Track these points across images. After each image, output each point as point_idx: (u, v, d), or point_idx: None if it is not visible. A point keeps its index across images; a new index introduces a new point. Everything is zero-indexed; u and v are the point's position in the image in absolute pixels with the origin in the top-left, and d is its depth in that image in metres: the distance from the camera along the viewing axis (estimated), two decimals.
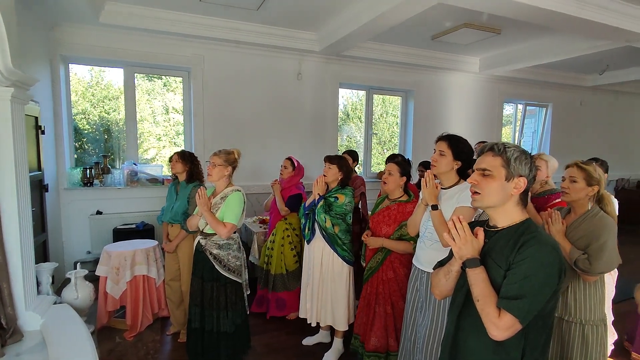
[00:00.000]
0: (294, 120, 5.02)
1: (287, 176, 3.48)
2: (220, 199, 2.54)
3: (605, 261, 1.75)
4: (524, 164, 1.26)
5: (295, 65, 4.90)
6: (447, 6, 3.26)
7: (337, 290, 2.68)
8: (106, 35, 4.01)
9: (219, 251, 2.52)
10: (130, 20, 3.81)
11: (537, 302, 1.13)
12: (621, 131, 8.06)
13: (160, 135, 5.14)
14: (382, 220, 2.48)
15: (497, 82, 6.37)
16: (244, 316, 2.66)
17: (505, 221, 1.28)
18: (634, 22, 3.68)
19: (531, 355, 1.20)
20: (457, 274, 1.33)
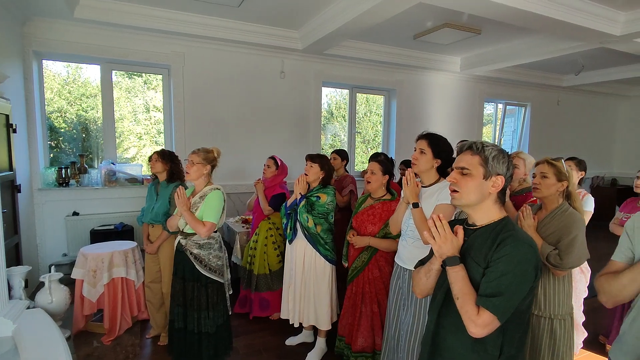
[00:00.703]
0: (277, 119, 4.99)
1: (271, 175, 3.45)
2: (200, 198, 2.51)
3: (575, 256, 1.80)
4: (502, 162, 1.28)
5: (278, 63, 4.87)
6: (428, 6, 3.29)
7: (320, 290, 2.67)
8: (81, 30, 3.89)
9: (199, 251, 2.49)
10: (106, 16, 3.71)
11: (514, 299, 1.15)
12: (596, 130, 8.31)
13: (141, 134, 5.03)
14: (367, 219, 2.49)
15: (478, 82, 6.48)
16: (226, 317, 2.64)
17: (484, 219, 1.29)
18: (608, 23, 3.79)
19: (508, 351, 1.22)
20: (438, 273, 1.34)
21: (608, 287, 1.24)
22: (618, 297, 1.23)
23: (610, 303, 1.26)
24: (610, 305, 1.28)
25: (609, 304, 1.27)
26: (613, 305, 1.27)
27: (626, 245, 1.29)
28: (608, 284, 1.24)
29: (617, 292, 1.22)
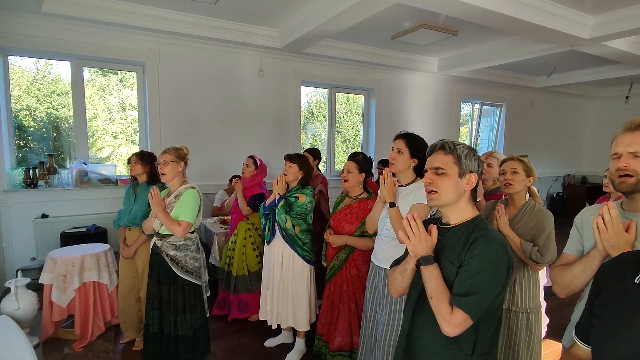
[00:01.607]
0: (256, 118, 4.94)
1: (250, 175, 3.41)
2: (175, 198, 2.46)
3: (552, 250, 1.88)
4: (473, 160, 1.30)
5: (256, 62, 4.82)
6: (406, 7, 3.32)
7: (298, 291, 2.66)
8: (50, 25, 3.74)
9: (175, 252, 2.44)
10: (76, 10, 3.57)
11: (487, 297, 1.16)
12: (567, 130, 8.60)
13: (116, 133, 4.88)
14: (344, 218, 2.49)
15: (455, 83, 6.60)
16: (204, 319, 2.60)
17: (458, 218, 1.31)
18: (577, 27, 3.92)
19: (481, 348, 1.23)
20: (413, 272, 1.35)
21: (561, 278, 1.29)
22: (570, 287, 1.28)
23: (563, 293, 1.31)
24: (564, 296, 1.33)
25: (562, 294, 1.32)
26: (566, 295, 1.32)
27: (576, 239, 1.35)
28: (561, 275, 1.30)
29: (568, 283, 1.27)
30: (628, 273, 0.81)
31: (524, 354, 1.91)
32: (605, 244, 1.13)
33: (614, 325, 0.79)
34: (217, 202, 4.40)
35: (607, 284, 0.86)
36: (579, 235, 1.35)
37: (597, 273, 0.91)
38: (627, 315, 0.77)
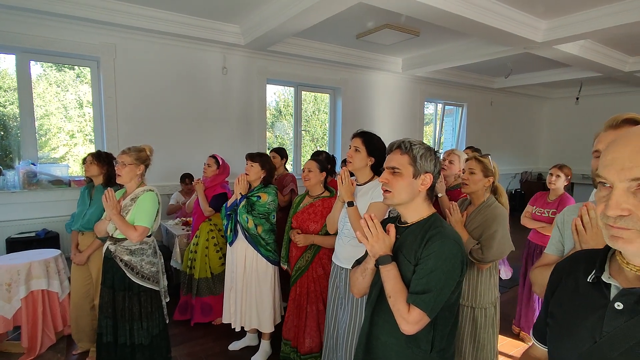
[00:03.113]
0: (220, 116, 4.82)
1: (211, 175, 3.32)
2: (131, 201, 2.34)
3: (496, 249, 1.88)
4: (429, 160, 1.31)
5: (219, 58, 4.70)
6: (369, 6, 3.34)
7: (262, 292, 2.61)
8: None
9: (130, 257, 2.33)
10: (22, 1, 3.33)
11: (443, 294, 1.18)
12: (524, 129, 9.02)
13: (73, 132, 4.61)
14: (308, 217, 2.48)
15: (419, 83, 6.74)
16: (162, 326, 2.50)
17: (414, 217, 1.32)
18: (530, 31, 4.10)
19: (439, 345, 1.25)
20: (373, 272, 1.35)
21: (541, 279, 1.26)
22: None
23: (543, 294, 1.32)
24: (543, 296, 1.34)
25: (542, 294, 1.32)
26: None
27: (557, 239, 1.34)
28: (541, 275, 1.27)
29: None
30: (580, 272, 0.81)
31: (468, 347, 1.95)
32: (583, 245, 1.13)
33: (567, 324, 0.79)
34: (173, 202, 4.27)
35: (561, 283, 0.86)
36: (560, 235, 1.33)
37: (552, 272, 0.91)
38: (580, 314, 0.77)
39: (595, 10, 3.76)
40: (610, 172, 0.64)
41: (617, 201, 0.63)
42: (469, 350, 1.99)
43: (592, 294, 0.76)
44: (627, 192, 0.63)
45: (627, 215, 0.63)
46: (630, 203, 0.62)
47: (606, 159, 0.66)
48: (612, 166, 0.64)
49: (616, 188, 0.64)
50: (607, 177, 0.65)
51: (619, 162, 0.63)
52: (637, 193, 0.62)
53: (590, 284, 0.77)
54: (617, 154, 0.64)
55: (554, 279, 0.90)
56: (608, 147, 0.68)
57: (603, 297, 0.73)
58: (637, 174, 0.61)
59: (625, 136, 0.66)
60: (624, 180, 0.63)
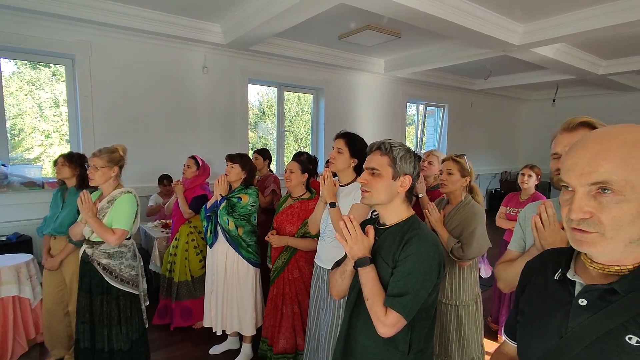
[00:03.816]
0: (201, 116, 4.74)
1: (191, 176, 3.26)
2: (108, 203, 2.28)
3: (475, 247, 1.93)
4: (409, 162, 1.31)
5: (200, 57, 4.63)
6: (350, 7, 3.35)
7: (244, 295, 2.58)
8: None
9: (109, 261, 2.26)
10: None
11: (420, 297, 1.18)
12: (504, 130, 9.21)
13: (49, 132, 4.46)
14: (286, 219, 2.47)
15: (401, 84, 6.80)
16: (142, 330, 2.44)
17: (393, 218, 1.32)
18: (508, 34, 4.18)
19: (417, 346, 1.25)
20: (352, 274, 1.34)
21: (504, 275, 1.31)
22: (513, 283, 1.30)
23: (507, 289, 1.34)
24: (507, 291, 1.37)
25: (506, 289, 1.35)
26: (509, 290, 1.35)
27: (519, 235, 1.38)
28: (505, 271, 1.31)
29: (511, 279, 1.29)
30: (549, 270, 0.83)
31: (454, 344, 1.99)
32: (542, 241, 1.16)
33: (536, 321, 0.81)
34: (151, 203, 4.18)
35: (531, 281, 0.88)
36: (522, 232, 1.37)
37: (523, 270, 0.93)
38: (547, 311, 0.78)
39: (570, 15, 3.87)
40: (571, 177, 0.67)
41: (579, 205, 0.65)
42: (455, 348, 2.02)
43: (558, 291, 0.78)
44: (587, 196, 0.65)
45: (589, 218, 0.65)
46: (591, 206, 0.65)
47: (567, 164, 0.69)
48: (573, 171, 0.67)
49: (577, 192, 0.66)
50: (569, 182, 0.67)
51: (579, 167, 0.66)
52: (597, 196, 0.64)
53: (557, 281, 0.79)
54: (577, 159, 0.67)
55: (524, 277, 0.92)
56: (568, 151, 0.70)
57: (568, 294, 0.75)
58: (596, 178, 0.63)
59: (583, 141, 0.68)
60: (584, 185, 0.65)
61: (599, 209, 0.64)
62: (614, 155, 0.63)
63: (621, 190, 0.62)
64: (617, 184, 0.62)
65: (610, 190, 0.63)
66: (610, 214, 0.63)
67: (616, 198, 0.63)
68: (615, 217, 0.63)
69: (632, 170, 0.62)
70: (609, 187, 0.63)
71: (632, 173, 0.62)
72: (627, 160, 0.62)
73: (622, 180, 0.62)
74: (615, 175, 0.62)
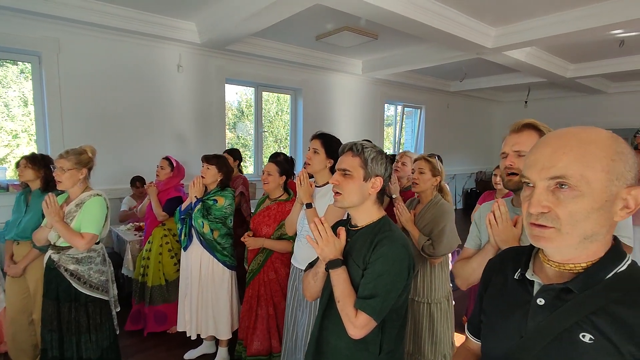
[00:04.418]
0: (176, 116, 4.64)
1: (165, 177, 3.18)
2: (76, 206, 2.19)
3: (446, 243, 1.98)
4: (380, 164, 1.31)
5: (174, 56, 4.53)
6: (327, 8, 3.35)
7: (219, 298, 2.54)
8: None
9: (77, 266, 2.18)
10: None
11: (390, 298, 1.18)
12: (479, 131, 9.43)
13: (16, 132, 4.26)
14: (262, 220, 2.46)
15: (379, 85, 6.86)
16: (113, 337, 2.36)
17: (365, 220, 1.32)
18: (482, 37, 4.28)
19: (388, 347, 1.26)
20: (324, 275, 1.34)
21: (461, 272, 1.35)
22: (470, 280, 1.34)
23: (464, 285, 1.38)
24: (464, 288, 1.40)
25: (463, 286, 1.38)
26: (467, 287, 1.38)
27: (475, 233, 1.42)
28: (462, 268, 1.35)
29: (468, 276, 1.32)
30: (509, 268, 0.84)
31: (427, 341, 2.02)
32: (496, 238, 1.20)
33: (497, 320, 0.82)
34: (125, 207, 4.06)
35: (492, 281, 0.89)
36: (477, 230, 1.41)
37: (485, 269, 0.94)
38: (508, 310, 0.80)
39: (539, 19, 3.99)
40: (532, 172, 0.69)
41: (538, 199, 0.67)
42: (428, 345, 2.05)
43: (518, 290, 0.79)
44: (547, 191, 0.67)
45: (547, 213, 0.67)
46: (550, 200, 0.67)
47: (529, 160, 0.71)
48: (534, 167, 0.69)
49: (537, 187, 0.68)
50: (530, 177, 0.70)
51: (540, 163, 0.68)
52: (556, 192, 0.66)
53: (517, 281, 0.80)
54: (538, 155, 0.69)
55: (485, 276, 0.93)
56: (531, 149, 0.73)
57: (527, 294, 0.76)
58: (554, 173, 0.66)
59: (545, 139, 0.71)
60: (543, 179, 0.67)
61: (557, 203, 0.66)
62: (572, 151, 0.66)
63: (577, 186, 0.64)
64: (573, 178, 0.65)
65: (567, 186, 0.65)
66: (567, 208, 0.65)
67: (572, 193, 0.65)
68: (571, 212, 0.65)
69: (587, 167, 0.64)
70: (566, 182, 0.65)
71: (588, 169, 0.64)
72: (583, 157, 0.65)
73: (578, 175, 0.64)
74: (572, 170, 0.65)
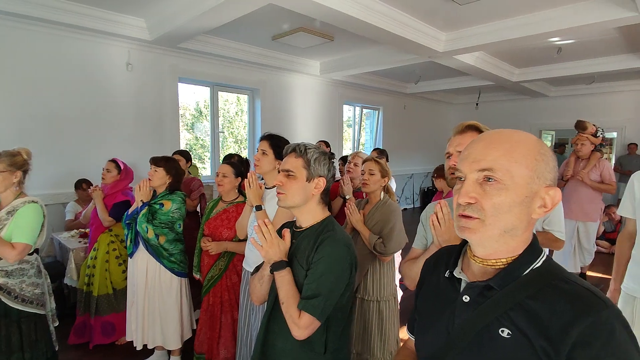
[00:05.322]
0: (125, 116, 4.43)
1: (111, 181, 3.02)
2: (7, 214, 2.02)
3: (395, 241, 2.05)
4: (323, 164, 1.33)
5: (123, 53, 4.32)
6: (283, 9, 3.33)
7: (167, 306, 2.44)
8: None
9: (6, 280, 2.01)
10: None
11: (332, 298, 1.19)
12: (434, 132, 9.77)
13: None
14: (222, 224, 2.39)
15: (337, 86, 6.92)
16: (51, 354, 2.20)
17: (309, 221, 1.33)
18: (433, 41, 4.44)
19: (333, 345, 1.27)
20: (270, 278, 1.33)
21: (409, 272, 1.37)
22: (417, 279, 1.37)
23: (412, 285, 1.40)
24: (413, 288, 1.42)
25: (411, 286, 1.41)
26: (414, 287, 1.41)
27: (421, 234, 1.45)
28: (409, 269, 1.38)
29: (415, 276, 1.32)
30: (441, 267, 0.87)
31: (376, 340, 2.07)
32: (439, 239, 1.23)
33: (428, 318, 0.85)
34: (70, 215, 3.82)
35: (426, 279, 0.92)
36: (424, 230, 1.44)
37: (422, 268, 0.97)
38: (438, 308, 0.82)
39: (485, 26, 4.20)
40: (464, 164, 0.73)
41: (466, 190, 0.71)
42: (377, 344, 2.09)
43: (447, 288, 0.82)
44: (475, 183, 0.71)
45: (474, 204, 0.71)
46: (477, 192, 0.71)
47: (463, 155, 0.75)
48: (466, 160, 0.73)
49: (467, 179, 0.72)
50: (462, 170, 0.74)
51: (472, 156, 0.73)
52: (483, 184, 0.71)
53: (447, 279, 0.83)
54: (472, 150, 0.74)
55: (422, 275, 0.96)
56: (467, 146, 0.77)
57: (455, 292, 0.79)
58: (484, 165, 0.70)
59: (481, 136, 0.76)
60: (473, 171, 0.72)
61: (483, 195, 0.70)
62: (501, 147, 0.70)
63: (502, 179, 0.69)
64: (499, 172, 0.69)
65: (493, 179, 0.69)
66: (491, 200, 0.69)
67: (498, 186, 0.69)
68: (494, 204, 0.69)
69: (513, 162, 0.69)
70: (492, 175, 0.69)
71: (513, 165, 0.69)
72: (510, 153, 0.69)
73: (504, 169, 0.69)
74: (499, 164, 0.69)
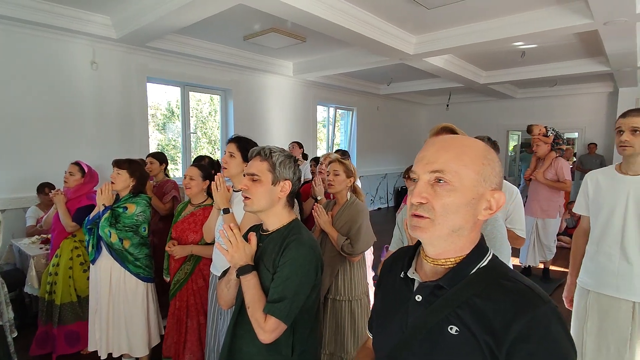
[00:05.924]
0: (89, 117, 4.27)
1: (75, 184, 2.90)
2: None
3: (363, 241, 2.07)
4: (288, 167, 1.32)
5: (87, 52, 4.16)
6: (254, 9, 3.30)
7: (133, 313, 2.37)
8: None
9: None
10: None
11: (298, 300, 1.19)
12: (407, 132, 9.96)
13: None
14: (188, 227, 2.35)
15: (311, 87, 6.93)
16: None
17: (275, 224, 1.32)
18: (404, 44, 4.53)
19: (300, 347, 1.27)
20: (237, 283, 1.32)
21: None
22: None
23: None
24: None
25: None
26: None
27: (398, 236, 1.48)
28: None
29: None
30: (398, 267, 0.89)
31: (349, 338, 2.09)
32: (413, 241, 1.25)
33: (385, 317, 0.86)
34: (31, 221, 3.65)
35: (384, 279, 0.94)
36: (400, 233, 1.47)
37: (381, 269, 0.98)
38: (393, 308, 0.84)
39: (453, 29, 4.32)
40: (419, 166, 0.77)
41: (419, 190, 0.74)
42: (351, 343, 2.11)
43: (402, 288, 0.84)
44: (427, 184, 0.74)
45: (425, 204, 0.73)
46: (429, 192, 0.73)
47: (417, 157, 0.79)
48: (421, 162, 0.77)
49: (420, 180, 0.75)
50: (416, 171, 0.77)
51: (426, 159, 0.76)
52: (435, 185, 0.74)
53: (402, 279, 0.85)
54: (425, 153, 0.77)
55: (380, 275, 0.98)
56: (422, 148, 0.80)
57: (409, 291, 0.81)
58: (435, 167, 0.73)
59: (435, 140, 0.80)
60: (426, 173, 0.75)
61: (434, 195, 0.73)
62: (452, 151, 0.74)
63: (452, 181, 0.72)
64: (449, 173, 0.72)
65: (443, 181, 0.72)
66: (441, 200, 0.72)
67: (447, 187, 0.72)
68: (444, 204, 0.72)
69: (462, 165, 0.72)
70: (443, 177, 0.72)
71: (462, 167, 0.72)
72: (460, 156, 0.73)
73: (454, 171, 0.72)
74: (449, 166, 0.72)
